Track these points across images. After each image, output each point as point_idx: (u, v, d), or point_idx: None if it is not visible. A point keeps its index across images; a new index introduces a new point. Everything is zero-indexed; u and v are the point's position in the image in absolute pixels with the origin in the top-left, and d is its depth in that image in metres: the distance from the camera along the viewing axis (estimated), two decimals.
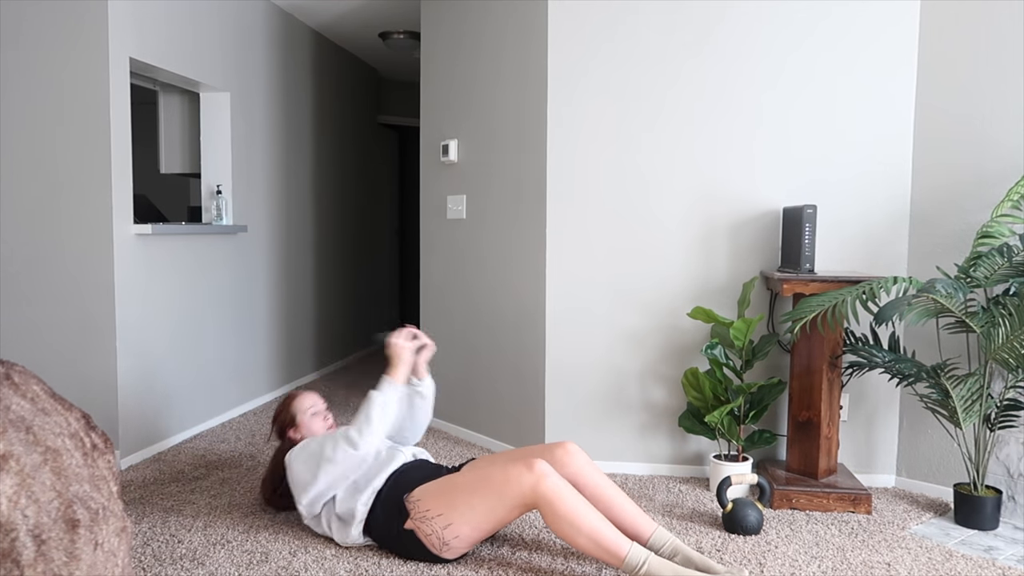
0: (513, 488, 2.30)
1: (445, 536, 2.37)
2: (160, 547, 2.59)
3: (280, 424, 2.88)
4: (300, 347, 5.25)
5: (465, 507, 2.35)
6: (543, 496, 2.26)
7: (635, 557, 2.19)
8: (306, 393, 2.91)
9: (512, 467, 2.33)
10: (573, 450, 2.54)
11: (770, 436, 3.17)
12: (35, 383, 1.79)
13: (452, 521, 2.35)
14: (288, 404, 2.88)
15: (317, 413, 2.85)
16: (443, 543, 2.38)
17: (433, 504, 2.39)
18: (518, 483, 2.29)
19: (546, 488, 2.26)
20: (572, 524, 2.24)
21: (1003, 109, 2.99)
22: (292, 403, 2.87)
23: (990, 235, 2.82)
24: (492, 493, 2.33)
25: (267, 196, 4.75)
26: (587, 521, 2.23)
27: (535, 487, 2.27)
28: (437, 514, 2.37)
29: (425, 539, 2.39)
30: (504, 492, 2.31)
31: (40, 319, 3.38)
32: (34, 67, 3.31)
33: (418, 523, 2.40)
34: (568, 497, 2.26)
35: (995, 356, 2.67)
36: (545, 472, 2.29)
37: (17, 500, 1.50)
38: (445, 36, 4.10)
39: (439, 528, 2.37)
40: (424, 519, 2.39)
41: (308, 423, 2.82)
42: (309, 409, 2.84)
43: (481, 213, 3.87)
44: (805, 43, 3.24)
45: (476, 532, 2.37)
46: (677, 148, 3.33)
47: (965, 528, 2.82)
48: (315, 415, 2.84)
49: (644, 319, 3.38)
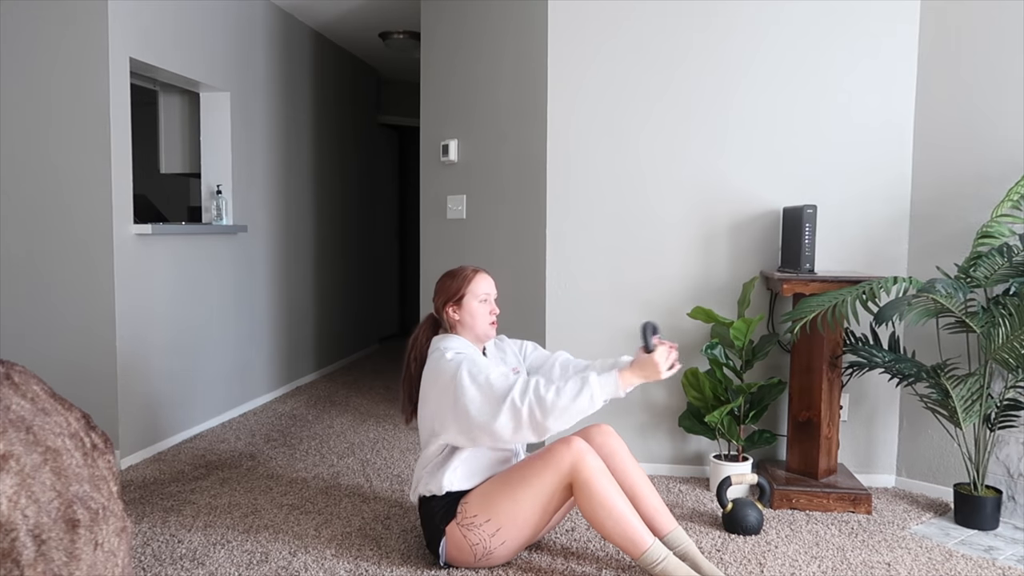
0: (552, 466, 2.26)
1: (492, 544, 2.31)
2: (160, 547, 2.59)
3: (444, 295, 2.47)
4: (300, 347, 5.25)
5: (510, 503, 2.29)
6: (580, 474, 2.23)
7: (655, 553, 2.19)
8: (485, 275, 2.50)
9: (551, 448, 2.30)
10: (608, 431, 2.49)
11: (770, 436, 3.17)
12: (35, 383, 1.79)
13: (501, 525, 2.30)
14: (461, 276, 2.48)
15: (486, 301, 2.47)
16: (487, 552, 2.33)
17: (480, 508, 2.32)
18: (557, 461, 2.26)
19: (585, 466, 2.24)
20: (604, 507, 2.22)
21: (1003, 109, 2.99)
22: (470, 277, 2.47)
23: (990, 235, 2.81)
24: (535, 479, 2.28)
25: (267, 196, 4.75)
26: (617, 507, 2.22)
27: (575, 464, 2.24)
28: (485, 520, 2.31)
29: (471, 548, 2.33)
30: (544, 473, 2.27)
31: (40, 319, 3.38)
32: (34, 67, 3.31)
33: (464, 530, 2.33)
34: (603, 480, 2.24)
35: (995, 356, 2.67)
36: (584, 449, 2.26)
37: (17, 500, 1.50)
38: (445, 36, 4.10)
39: (487, 536, 2.31)
40: (471, 526, 2.32)
41: (475, 308, 2.44)
42: (483, 293, 2.46)
43: (481, 213, 3.87)
44: (805, 43, 3.24)
45: (522, 532, 2.32)
46: (677, 148, 3.33)
47: (965, 528, 2.82)
48: (483, 302, 2.46)
49: (644, 318, 3.38)
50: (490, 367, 2.31)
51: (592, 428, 2.51)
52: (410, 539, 2.66)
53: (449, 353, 2.35)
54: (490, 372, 2.28)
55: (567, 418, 2.19)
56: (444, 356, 2.35)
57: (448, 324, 2.49)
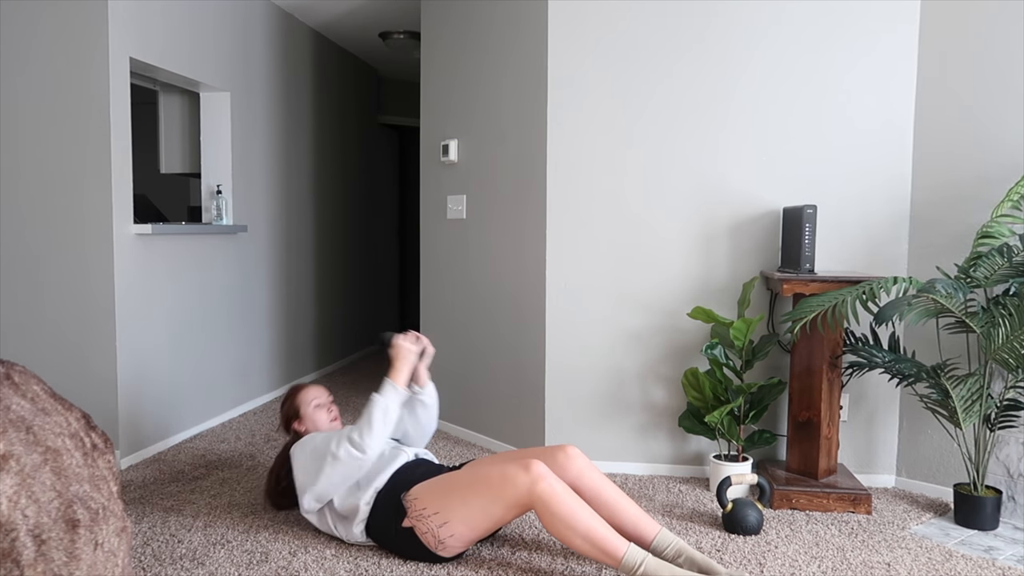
0: (509, 489, 2.30)
1: (440, 534, 2.36)
2: (160, 547, 2.59)
3: (285, 416, 2.88)
4: (300, 347, 5.25)
5: (461, 505, 2.34)
6: (539, 497, 2.26)
7: (632, 558, 2.19)
8: (310, 386, 2.91)
9: (509, 467, 2.33)
10: (573, 453, 2.52)
11: (770, 436, 3.17)
12: (35, 383, 1.79)
13: (448, 520, 2.35)
14: (293, 396, 2.88)
15: (321, 405, 2.84)
16: (438, 541, 2.38)
17: (429, 502, 2.39)
18: (514, 484, 2.29)
19: (542, 490, 2.26)
20: (568, 525, 2.23)
21: (1003, 109, 2.99)
22: (297, 396, 2.87)
23: (990, 235, 2.82)
24: (488, 492, 2.32)
25: (267, 196, 4.75)
26: (583, 522, 2.23)
27: (531, 488, 2.27)
28: (433, 512, 2.37)
29: (422, 537, 2.39)
30: (500, 492, 2.31)
31: (40, 319, 3.38)
32: (34, 67, 3.31)
33: (415, 521, 2.40)
34: (564, 498, 2.25)
35: (995, 356, 2.67)
36: (542, 474, 2.29)
37: (17, 500, 1.50)
38: (445, 36, 4.10)
39: (435, 527, 2.36)
40: (420, 517, 2.39)
41: (312, 415, 2.82)
42: (313, 401, 2.84)
43: (481, 213, 3.87)
44: (805, 42, 3.24)
45: (472, 531, 2.37)
46: (678, 149, 3.34)
47: (965, 528, 2.82)
48: (319, 407, 2.84)
49: (644, 319, 3.38)
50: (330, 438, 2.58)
51: (556, 450, 2.54)
52: None
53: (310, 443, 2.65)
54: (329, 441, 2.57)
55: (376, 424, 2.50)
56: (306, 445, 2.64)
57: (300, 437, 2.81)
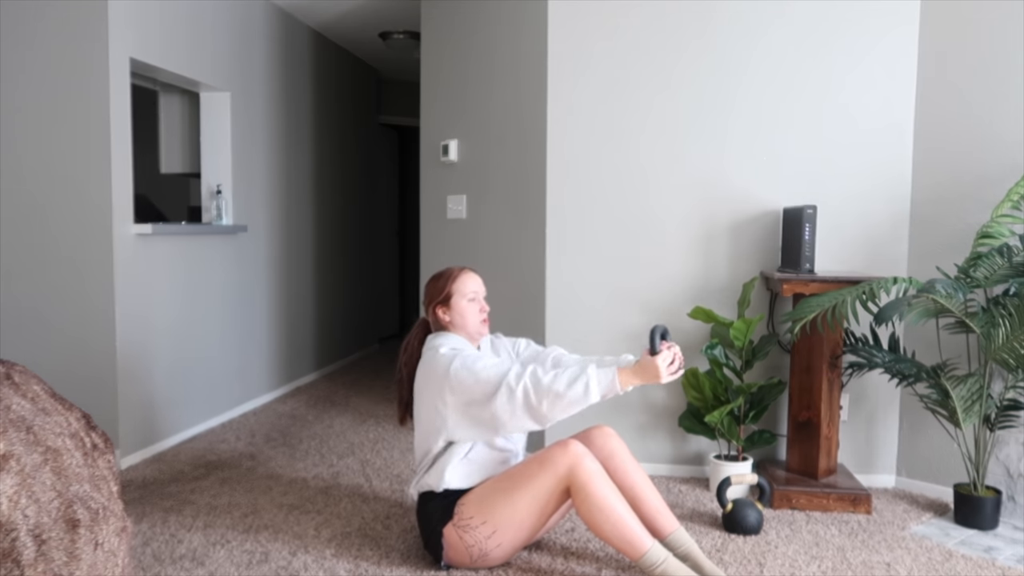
0: (548, 471, 2.25)
1: (488, 546, 2.31)
2: (160, 547, 2.59)
3: (432, 297, 2.50)
4: (300, 347, 5.25)
5: (506, 505, 2.29)
6: (577, 478, 2.22)
7: (654, 556, 2.18)
8: (473, 274, 2.53)
9: (548, 450, 2.29)
10: (608, 432, 2.48)
11: (770, 436, 3.17)
12: (35, 383, 1.79)
13: (497, 528, 2.29)
14: (450, 277, 2.50)
15: (475, 300, 2.49)
16: (483, 553, 2.33)
17: (476, 511, 2.31)
18: (554, 464, 2.24)
19: (582, 469, 2.22)
20: (601, 510, 2.21)
21: (1003, 109, 2.99)
22: (456, 278, 2.49)
23: (990, 235, 2.82)
24: (532, 483, 2.27)
25: (267, 196, 4.75)
26: (615, 511, 2.21)
27: (571, 467, 2.23)
28: (481, 522, 2.30)
29: (466, 550, 2.33)
30: (542, 477, 2.26)
31: (41, 319, 3.38)
32: (34, 67, 3.31)
33: (460, 532, 2.33)
34: (600, 483, 2.22)
35: (995, 356, 2.67)
36: (580, 453, 2.25)
37: (17, 500, 1.50)
38: (445, 36, 4.10)
39: (482, 538, 2.30)
40: (467, 528, 2.32)
41: (463, 307, 2.47)
42: (470, 292, 2.48)
43: (481, 213, 3.87)
44: (805, 42, 3.24)
45: (518, 534, 2.32)
46: (677, 148, 3.34)
47: (965, 528, 2.82)
48: (472, 301, 2.49)
49: (644, 319, 3.38)
50: (484, 357, 2.33)
51: (592, 430, 2.50)
52: (410, 539, 2.66)
53: (443, 348, 2.39)
54: (485, 360, 2.30)
55: (562, 405, 2.19)
56: (438, 352, 2.38)
57: (440, 326, 2.52)
